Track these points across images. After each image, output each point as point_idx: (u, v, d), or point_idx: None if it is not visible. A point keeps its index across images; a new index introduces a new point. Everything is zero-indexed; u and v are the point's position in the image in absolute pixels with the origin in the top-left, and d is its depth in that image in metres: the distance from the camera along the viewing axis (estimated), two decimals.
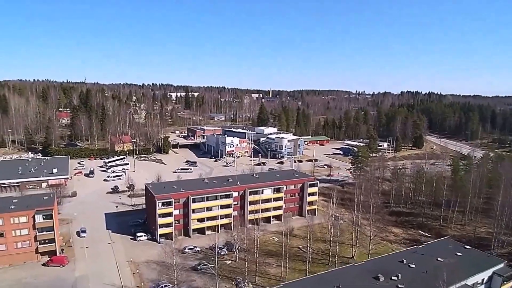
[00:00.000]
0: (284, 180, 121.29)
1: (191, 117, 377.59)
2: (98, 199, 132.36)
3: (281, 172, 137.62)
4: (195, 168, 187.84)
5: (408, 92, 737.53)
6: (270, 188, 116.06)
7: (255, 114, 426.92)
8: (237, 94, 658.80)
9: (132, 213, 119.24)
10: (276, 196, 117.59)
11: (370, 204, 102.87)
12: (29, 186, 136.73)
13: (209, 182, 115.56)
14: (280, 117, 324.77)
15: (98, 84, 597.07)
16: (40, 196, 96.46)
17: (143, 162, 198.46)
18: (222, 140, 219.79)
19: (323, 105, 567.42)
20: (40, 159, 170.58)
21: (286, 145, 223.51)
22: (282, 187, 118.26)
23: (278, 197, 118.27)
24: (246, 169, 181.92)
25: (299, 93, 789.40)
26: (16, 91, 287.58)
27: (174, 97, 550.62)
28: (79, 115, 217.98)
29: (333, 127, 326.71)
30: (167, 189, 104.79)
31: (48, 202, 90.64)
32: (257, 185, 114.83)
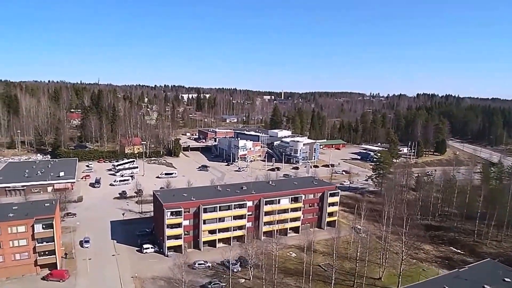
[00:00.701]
0: (302, 189, 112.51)
1: (202, 119, 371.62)
2: (105, 205, 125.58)
3: (299, 179, 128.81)
4: (206, 173, 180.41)
5: (424, 94, 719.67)
6: (287, 197, 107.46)
7: (268, 116, 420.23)
8: (249, 96, 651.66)
9: (139, 222, 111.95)
10: (293, 206, 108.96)
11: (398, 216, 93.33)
12: (35, 190, 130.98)
13: (222, 189, 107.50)
14: (294, 119, 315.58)
15: (111, 86, 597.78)
16: (41, 203, 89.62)
17: (153, 166, 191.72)
18: (234, 144, 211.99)
19: (337, 108, 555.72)
20: (48, 161, 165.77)
21: (301, 149, 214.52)
22: (301, 196, 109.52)
23: (296, 207, 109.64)
24: (259, 175, 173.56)
25: (311, 95, 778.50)
26: (28, 91, 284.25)
27: (186, 98, 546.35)
28: (89, 116, 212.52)
29: (349, 130, 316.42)
30: (176, 197, 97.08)
31: (49, 209, 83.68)
32: (273, 194, 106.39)
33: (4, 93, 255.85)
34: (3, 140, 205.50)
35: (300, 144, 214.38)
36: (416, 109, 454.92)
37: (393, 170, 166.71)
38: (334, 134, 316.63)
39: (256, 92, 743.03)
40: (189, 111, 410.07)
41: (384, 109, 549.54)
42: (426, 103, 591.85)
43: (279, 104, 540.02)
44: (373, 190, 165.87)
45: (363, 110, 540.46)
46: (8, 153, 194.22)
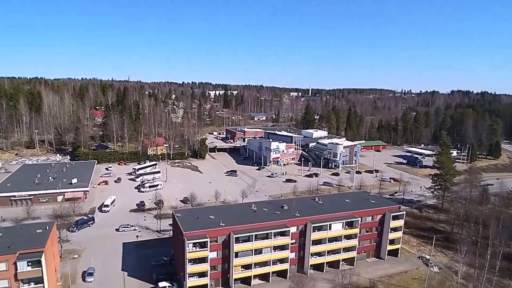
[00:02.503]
0: (358, 210, 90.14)
1: (230, 116, 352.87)
2: (119, 219, 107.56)
3: (351, 195, 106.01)
4: (235, 179, 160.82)
5: (458, 91, 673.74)
6: (340, 221, 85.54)
7: (297, 113, 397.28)
8: (276, 93, 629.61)
9: (156, 244, 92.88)
10: (348, 232, 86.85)
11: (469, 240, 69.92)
12: (43, 199, 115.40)
13: (257, 209, 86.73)
14: (329, 118, 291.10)
15: (140, 83, 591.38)
16: (32, 228, 71.41)
17: (176, 169, 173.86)
18: (266, 145, 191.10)
19: (370, 105, 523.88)
20: (64, 164, 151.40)
21: (341, 152, 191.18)
22: (357, 220, 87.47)
23: (350, 234, 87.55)
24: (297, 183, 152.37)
25: (340, 91, 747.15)
26: (54, 88, 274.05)
27: (213, 95, 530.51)
28: (111, 115, 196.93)
29: (388, 130, 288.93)
30: (201, 221, 77.10)
31: (39, 239, 65.22)
32: (322, 218, 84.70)
33: (28, 90, 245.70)
34: (25, 139, 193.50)
35: (340, 147, 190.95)
36: (455, 107, 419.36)
37: (456, 180, 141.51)
38: (372, 135, 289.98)
39: (283, 89, 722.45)
40: (216, 108, 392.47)
41: (418, 106, 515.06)
42: (463, 100, 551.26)
43: (307, 101, 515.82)
44: (432, 204, 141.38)
45: (397, 108, 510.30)
46: (26, 153, 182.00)
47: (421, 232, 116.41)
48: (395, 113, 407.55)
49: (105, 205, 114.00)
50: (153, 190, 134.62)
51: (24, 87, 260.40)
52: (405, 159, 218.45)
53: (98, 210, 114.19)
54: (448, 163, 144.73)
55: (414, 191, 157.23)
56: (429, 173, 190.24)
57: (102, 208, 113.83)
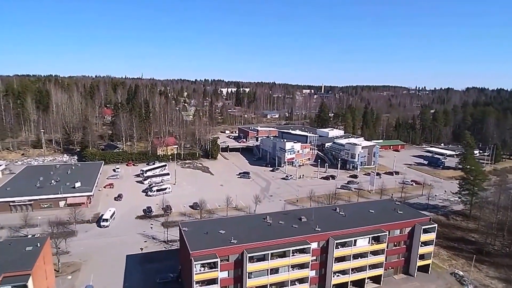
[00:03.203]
0: (386, 224, 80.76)
1: (242, 114, 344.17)
2: (124, 227, 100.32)
3: (376, 204, 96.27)
4: (247, 181, 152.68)
5: (474, 88, 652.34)
6: (366, 236, 76.44)
7: (310, 111, 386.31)
8: (288, 90, 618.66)
9: (163, 257, 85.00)
10: (375, 248, 77.74)
11: None
12: (44, 204, 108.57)
13: (273, 222, 78.09)
14: (345, 117, 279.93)
15: (153, 80, 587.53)
16: (22, 243, 64.17)
17: (187, 171, 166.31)
18: (280, 146, 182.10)
19: (385, 102, 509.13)
20: (69, 166, 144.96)
21: (359, 153, 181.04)
22: (385, 234, 78.25)
23: (377, 250, 78.49)
24: (312, 185, 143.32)
25: (353, 88, 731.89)
26: (63, 86, 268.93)
27: (225, 92, 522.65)
28: (119, 113, 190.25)
29: (406, 129, 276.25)
30: (210, 238, 68.85)
31: (27, 259, 57.83)
32: (346, 232, 75.60)
33: (36, 89, 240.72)
34: (32, 138, 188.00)
35: (358, 148, 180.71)
36: (481, 104, 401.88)
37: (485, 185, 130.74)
38: (389, 133, 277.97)
39: (295, 86, 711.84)
40: (228, 106, 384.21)
41: (434, 103, 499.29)
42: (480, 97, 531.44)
43: (320, 98, 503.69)
44: (459, 210, 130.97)
45: (412, 105, 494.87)
46: (33, 153, 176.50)
47: (450, 243, 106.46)
48: (410, 111, 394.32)
49: (104, 219, 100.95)
50: (161, 194, 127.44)
51: (33, 85, 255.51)
52: (426, 160, 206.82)
53: (96, 225, 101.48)
54: (477, 166, 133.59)
55: (438, 195, 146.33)
56: (452, 175, 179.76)
57: (101, 222, 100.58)
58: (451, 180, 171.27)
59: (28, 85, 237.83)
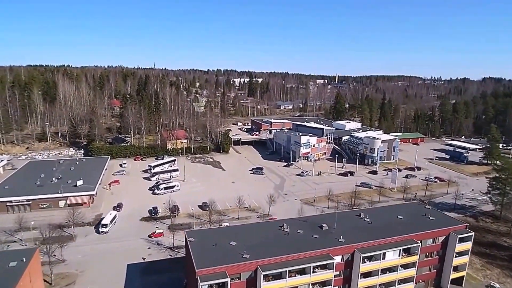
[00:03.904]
0: (418, 233, 71.10)
1: (255, 105, 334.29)
2: (127, 230, 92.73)
3: (404, 209, 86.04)
4: (261, 178, 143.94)
5: (490, 78, 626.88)
6: (396, 249, 67.13)
7: (324, 102, 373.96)
8: (302, 80, 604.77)
9: (167, 266, 77.03)
10: (405, 261, 68.47)
11: None
12: (43, 204, 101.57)
13: (290, 231, 69.28)
14: (362, 108, 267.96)
15: (165, 70, 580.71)
16: (5, 260, 55.35)
17: (197, 166, 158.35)
18: (295, 139, 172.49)
19: (401, 93, 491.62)
20: (73, 161, 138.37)
21: (379, 147, 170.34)
22: (417, 246, 68.81)
23: (409, 263, 69.25)
24: (329, 182, 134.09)
25: (367, 78, 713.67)
26: (72, 77, 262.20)
27: (237, 83, 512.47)
28: (127, 105, 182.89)
29: (424, 121, 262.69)
30: (219, 250, 60.50)
31: (8, 278, 49.93)
32: (374, 244, 66.32)
33: (43, 79, 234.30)
34: (37, 131, 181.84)
35: (377, 142, 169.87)
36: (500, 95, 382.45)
37: None
38: (407, 126, 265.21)
39: (308, 76, 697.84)
40: (240, 96, 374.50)
41: (451, 94, 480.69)
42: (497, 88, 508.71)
43: (333, 88, 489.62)
44: (488, 211, 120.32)
45: (428, 96, 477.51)
46: (38, 146, 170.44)
47: (482, 248, 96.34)
48: (427, 102, 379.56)
49: (103, 225, 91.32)
50: (169, 192, 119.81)
51: (40, 75, 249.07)
52: (448, 154, 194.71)
53: (94, 230, 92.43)
54: (510, 164, 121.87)
55: (465, 193, 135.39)
56: (477, 171, 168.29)
57: (100, 228, 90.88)
58: (476, 176, 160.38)
59: (35, 76, 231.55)
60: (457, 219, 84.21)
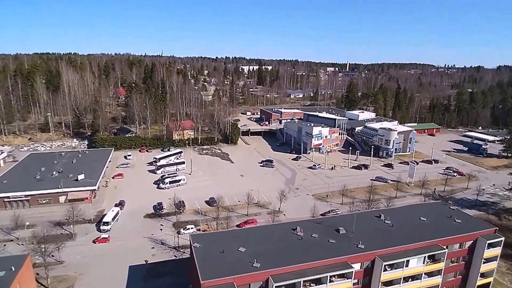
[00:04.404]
0: (443, 238, 64.70)
1: (264, 94, 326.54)
2: (130, 228, 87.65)
3: (427, 209, 79.04)
4: (271, 172, 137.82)
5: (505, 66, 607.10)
6: (421, 255, 60.94)
7: (335, 91, 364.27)
8: (312, 68, 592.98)
9: (172, 269, 71.84)
10: (430, 269, 62.39)
11: None
12: (42, 200, 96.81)
13: (304, 235, 63.34)
14: (376, 97, 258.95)
15: (173, 58, 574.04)
16: None
17: (204, 158, 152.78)
18: (307, 130, 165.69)
19: (414, 81, 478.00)
20: (76, 153, 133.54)
21: (395, 139, 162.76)
22: (443, 252, 62.49)
23: (433, 271, 63.11)
24: (342, 175, 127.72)
25: (379, 66, 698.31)
26: (76, 65, 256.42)
27: (246, 71, 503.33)
28: (132, 94, 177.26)
29: (440, 111, 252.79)
30: (227, 258, 54.88)
31: None
32: (396, 250, 60.19)
33: (46, 68, 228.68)
34: (40, 122, 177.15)
35: (394, 134, 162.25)
36: None
37: None
38: (422, 116, 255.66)
39: (319, 64, 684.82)
40: (249, 85, 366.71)
41: (465, 83, 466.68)
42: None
43: (344, 77, 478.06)
44: (511, 207, 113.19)
45: (442, 84, 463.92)
46: (41, 137, 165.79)
47: (508, 250, 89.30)
48: (441, 91, 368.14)
49: (104, 223, 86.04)
50: (175, 186, 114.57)
51: (43, 64, 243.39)
52: (466, 146, 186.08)
53: (95, 228, 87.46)
54: None
55: (486, 188, 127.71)
56: (497, 165, 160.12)
57: (101, 226, 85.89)
58: (496, 170, 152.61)
59: (38, 64, 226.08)
60: (485, 223, 77.12)
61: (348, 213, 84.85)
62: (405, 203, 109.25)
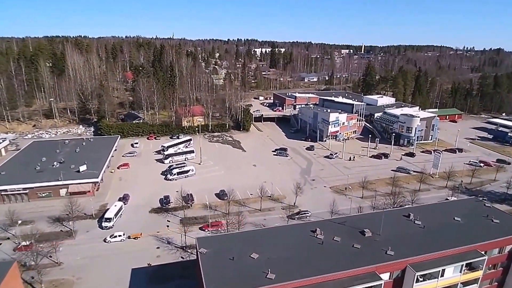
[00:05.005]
0: (483, 243, 56.76)
1: (277, 77, 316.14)
2: (134, 226, 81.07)
3: (460, 207, 70.66)
4: (285, 161, 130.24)
5: None
6: (458, 264, 53.25)
7: (351, 74, 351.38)
8: (326, 50, 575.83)
9: (178, 273, 65.28)
10: (467, 278, 54.90)
11: None
12: (42, 193, 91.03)
13: (325, 239, 56.00)
14: (395, 81, 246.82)
15: (184, 40, 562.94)
16: None
17: (215, 146, 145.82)
18: (323, 117, 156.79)
19: (434, 64, 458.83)
20: (80, 141, 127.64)
21: (417, 126, 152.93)
22: (483, 259, 54.72)
23: (470, 280, 55.50)
24: (361, 165, 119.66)
25: (395, 48, 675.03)
26: (83, 47, 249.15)
27: (259, 53, 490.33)
28: (139, 78, 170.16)
29: (462, 96, 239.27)
30: (237, 267, 48.10)
31: None
32: (429, 258, 52.57)
33: (50, 50, 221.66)
34: (44, 107, 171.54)
35: (416, 120, 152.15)
36: None
37: None
38: (443, 101, 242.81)
39: (333, 46, 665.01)
40: (262, 68, 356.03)
41: (486, 66, 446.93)
42: None
43: (360, 59, 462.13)
44: None
45: (462, 67, 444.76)
46: (46, 124, 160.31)
47: None
48: (461, 74, 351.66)
49: (107, 219, 79.59)
50: (183, 177, 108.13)
51: (48, 46, 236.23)
52: (491, 134, 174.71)
53: (97, 225, 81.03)
54: None
55: None
56: None
57: (103, 222, 79.52)
58: None
59: (43, 47, 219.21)
60: None
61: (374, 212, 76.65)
62: (430, 197, 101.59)
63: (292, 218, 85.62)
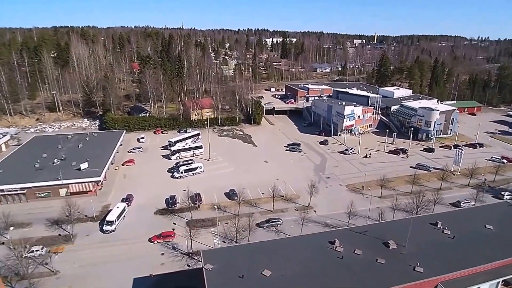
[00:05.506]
0: None
1: (289, 68, 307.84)
2: (137, 229, 75.95)
3: (490, 211, 62.74)
4: (298, 157, 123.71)
5: None
6: (493, 281, 47.07)
7: (364, 64, 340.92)
8: (338, 40, 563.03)
9: (183, 283, 59.90)
10: None
11: None
12: (40, 193, 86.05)
13: (345, 252, 50.08)
14: (411, 72, 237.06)
15: (194, 30, 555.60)
16: None
17: (225, 141, 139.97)
18: (338, 110, 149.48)
19: (449, 55, 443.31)
20: (84, 136, 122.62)
21: (436, 120, 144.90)
22: None
23: None
24: (378, 161, 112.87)
25: (409, 38, 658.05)
26: (89, 38, 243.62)
27: (270, 43, 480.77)
28: (145, 69, 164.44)
29: (481, 87, 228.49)
30: (248, 284, 42.60)
31: None
32: (462, 274, 46.46)
33: (54, 41, 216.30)
34: (48, 100, 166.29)
35: (435, 114, 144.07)
36: None
37: None
38: (461, 92, 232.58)
39: (345, 36, 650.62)
40: (273, 58, 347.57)
41: (501, 56, 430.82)
42: None
43: (372, 49, 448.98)
44: None
45: (477, 58, 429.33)
46: (49, 117, 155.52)
47: None
48: (477, 65, 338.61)
49: (108, 222, 74.67)
50: (191, 175, 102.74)
51: (52, 37, 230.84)
52: None
53: (99, 228, 75.94)
54: None
55: None
56: None
57: (104, 226, 74.67)
58: None
59: (46, 38, 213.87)
60: None
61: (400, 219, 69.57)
62: (452, 196, 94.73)
63: (261, 226, 77.63)
